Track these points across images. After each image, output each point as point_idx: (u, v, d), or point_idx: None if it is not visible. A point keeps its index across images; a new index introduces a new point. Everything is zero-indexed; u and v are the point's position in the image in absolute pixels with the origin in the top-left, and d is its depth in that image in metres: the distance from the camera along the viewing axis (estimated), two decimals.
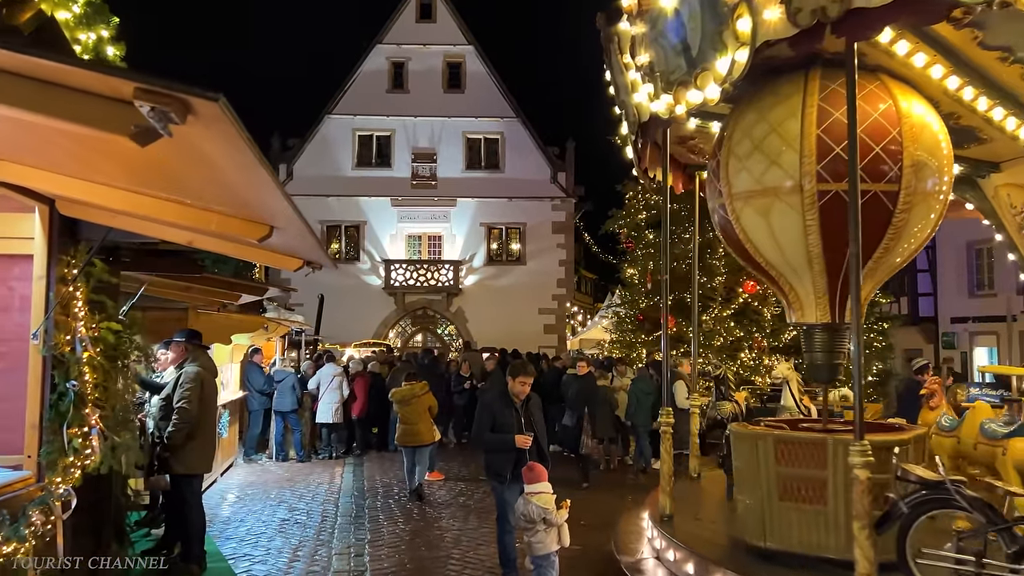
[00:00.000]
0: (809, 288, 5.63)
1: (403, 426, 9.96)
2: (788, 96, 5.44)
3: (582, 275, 41.81)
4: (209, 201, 2.83)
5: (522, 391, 6.05)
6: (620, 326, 18.77)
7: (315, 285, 23.83)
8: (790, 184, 5.33)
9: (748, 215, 5.65)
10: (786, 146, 5.34)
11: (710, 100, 5.00)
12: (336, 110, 28.67)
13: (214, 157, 2.18)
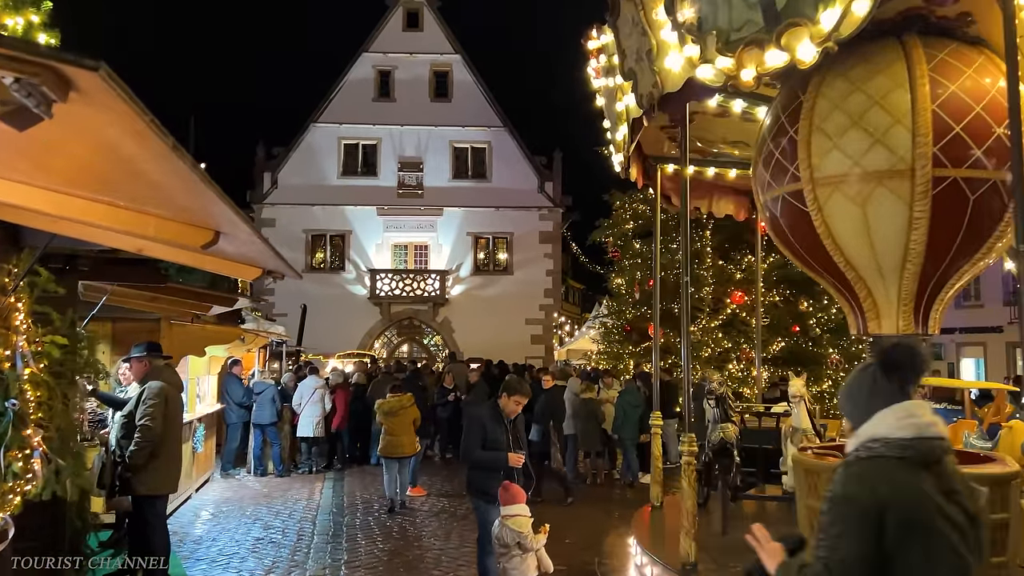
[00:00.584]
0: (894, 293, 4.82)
1: (389, 437, 9.83)
2: (888, 64, 4.61)
3: (570, 285, 41.65)
4: (142, 203, 2.59)
5: (515, 410, 5.84)
6: (607, 337, 18.58)
7: (299, 295, 23.56)
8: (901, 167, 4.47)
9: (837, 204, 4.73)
10: (895, 122, 4.51)
11: (801, 62, 4.18)
12: (322, 118, 28.41)
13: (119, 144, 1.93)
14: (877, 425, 2.25)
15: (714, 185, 9.30)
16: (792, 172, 4.90)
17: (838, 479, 2.21)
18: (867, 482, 2.15)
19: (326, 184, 28.06)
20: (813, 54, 4.10)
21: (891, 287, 4.83)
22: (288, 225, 27.57)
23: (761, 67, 4.32)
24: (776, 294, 16.22)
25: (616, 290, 17.97)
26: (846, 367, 15.65)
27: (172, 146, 1.85)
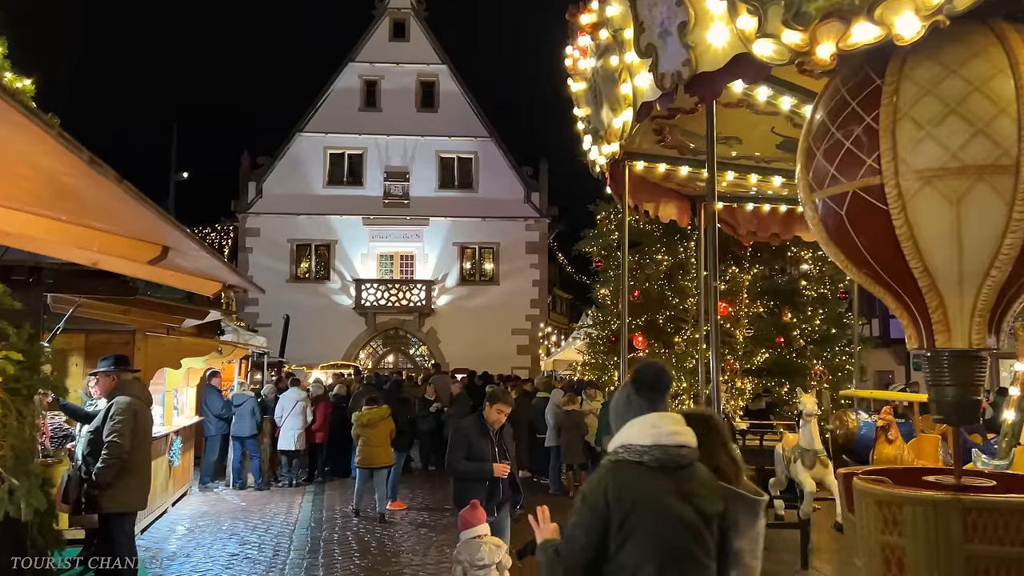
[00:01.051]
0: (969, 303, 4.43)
1: (367, 448, 10.02)
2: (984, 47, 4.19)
3: (557, 295, 41.60)
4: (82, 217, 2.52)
5: (499, 420, 5.79)
6: (592, 347, 18.50)
7: (283, 305, 23.43)
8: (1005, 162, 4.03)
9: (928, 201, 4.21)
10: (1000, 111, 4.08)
11: (900, 38, 3.70)
12: (307, 128, 28.34)
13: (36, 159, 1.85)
14: (625, 433, 2.61)
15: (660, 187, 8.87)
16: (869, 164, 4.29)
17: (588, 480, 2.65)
18: (602, 483, 2.52)
19: (311, 193, 27.95)
20: (917, 29, 3.59)
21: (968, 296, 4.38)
22: (273, 235, 27.44)
23: (844, 43, 3.81)
24: (760, 305, 16.20)
25: (601, 301, 17.91)
26: (830, 379, 15.66)
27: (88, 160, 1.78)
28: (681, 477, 2.51)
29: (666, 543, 2.44)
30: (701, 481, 2.58)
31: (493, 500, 5.59)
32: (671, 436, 2.55)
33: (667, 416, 2.63)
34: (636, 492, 2.47)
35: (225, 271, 3.33)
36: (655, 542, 2.43)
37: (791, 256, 17.24)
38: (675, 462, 2.52)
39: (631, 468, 2.52)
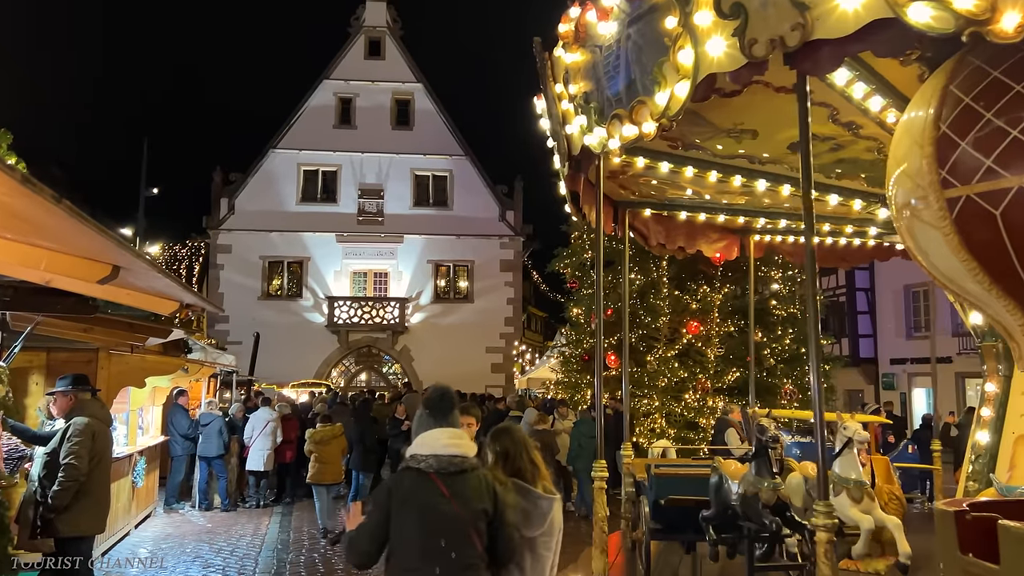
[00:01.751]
0: None
1: (319, 465, 10.26)
2: None
3: (531, 313, 41.64)
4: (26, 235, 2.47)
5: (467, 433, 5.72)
6: (566, 366, 18.52)
7: (254, 323, 23.22)
8: None
9: None
10: None
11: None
12: (281, 144, 28.20)
13: None
14: (414, 445, 3.24)
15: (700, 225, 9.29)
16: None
17: None
18: (387, 485, 3.29)
19: (284, 210, 27.78)
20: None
21: None
22: (244, 251, 27.20)
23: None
24: (731, 324, 16.33)
25: (575, 320, 17.96)
26: (800, 398, 15.78)
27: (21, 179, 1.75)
28: (453, 480, 3.13)
29: (428, 531, 3.07)
30: (471, 484, 3.17)
31: None
32: (446, 448, 3.19)
33: (447, 431, 3.27)
34: (409, 492, 3.14)
35: (180, 290, 3.29)
36: (420, 530, 3.07)
37: (761, 276, 17.42)
38: (447, 468, 3.15)
39: (411, 473, 3.18)
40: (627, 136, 4.76)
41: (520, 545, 3.30)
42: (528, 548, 3.37)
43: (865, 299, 29.10)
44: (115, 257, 2.53)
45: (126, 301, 3.90)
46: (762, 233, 9.56)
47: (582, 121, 5.26)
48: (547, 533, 3.44)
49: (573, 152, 5.63)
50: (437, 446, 3.18)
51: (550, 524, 3.46)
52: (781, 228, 9.24)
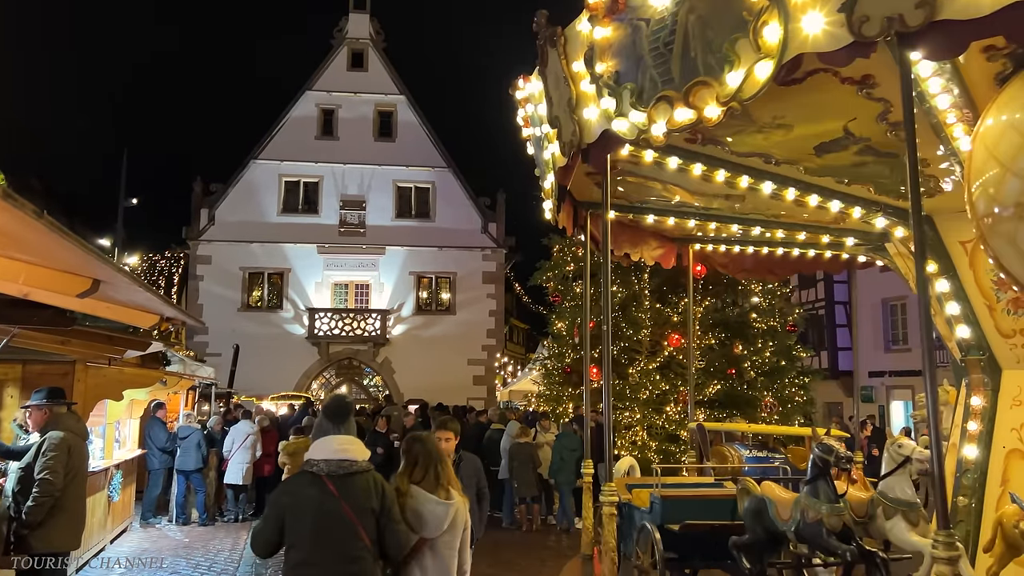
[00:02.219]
0: None
1: None
2: None
3: (513, 325, 41.64)
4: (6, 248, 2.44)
5: (445, 448, 5.37)
6: (548, 379, 18.50)
7: (234, 335, 22.98)
8: None
9: None
10: None
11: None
12: (263, 155, 28.08)
13: None
14: (311, 450, 3.60)
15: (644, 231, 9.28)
16: None
17: None
18: (283, 486, 3.76)
19: (265, 221, 27.63)
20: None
21: None
22: (225, 262, 27.01)
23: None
24: (712, 337, 16.41)
25: (557, 332, 17.96)
26: (780, 411, 15.87)
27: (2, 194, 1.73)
28: (343, 481, 3.50)
29: (318, 527, 3.44)
30: (360, 485, 3.54)
31: None
32: (336, 453, 3.56)
33: (340, 438, 3.63)
34: (303, 492, 3.53)
35: (161, 304, 3.26)
36: (311, 526, 3.45)
37: (741, 289, 17.53)
38: (337, 471, 3.51)
39: (306, 475, 3.58)
40: (679, 121, 4.31)
41: (420, 545, 3.73)
42: (429, 548, 3.77)
43: (844, 312, 29.40)
44: (96, 271, 2.50)
45: (105, 314, 3.85)
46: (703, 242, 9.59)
47: (609, 104, 4.68)
48: (448, 535, 3.83)
49: (586, 139, 5.09)
50: (329, 451, 3.58)
51: (450, 528, 3.83)
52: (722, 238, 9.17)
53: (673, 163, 6.10)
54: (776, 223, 7.43)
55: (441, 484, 3.87)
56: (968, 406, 5.63)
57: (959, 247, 5.63)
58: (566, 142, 5.30)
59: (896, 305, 26.56)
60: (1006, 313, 5.41)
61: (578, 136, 5.09)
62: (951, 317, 5.68)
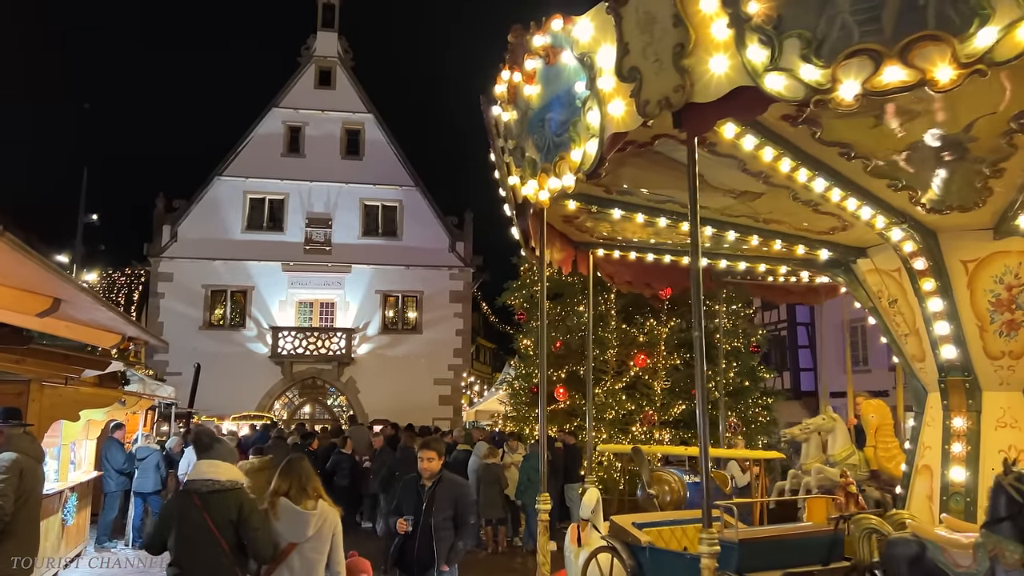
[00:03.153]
0: None
1: None
2: None
3: (480, 344, 41.54)
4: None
5: (427, 468, 5.37)
6: (514, 398, 18.46)
7: (195, 353, 22.57)
8: None
9: None
10: None
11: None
12: (227, 172, 27.80)
13: None
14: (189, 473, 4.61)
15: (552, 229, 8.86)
16: None
17: None
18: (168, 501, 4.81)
19: (229, 238, 27.29)
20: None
21: None
22: (187, 280, 26.58)
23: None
24: (677, 357, 16.53)
25: (524, 352, 17.95)
26: (744, 431, 15.99)
27: None
28: (208, 498, 4.32)
29: (187, 535, 4.29)
30: (221, 500, 4.35)
31: (405, 559, 5.28)
32: (203, 474, 4.43)
33: (206, 462, 4.52)
34: (178, 506, 4.45)
35: (123, 323, 3.18)
36: (179, 532, 4.31)
37: (706, 310, 17.69)
38: (201, 489, 4.36)
39: (182, 493, 4.54)
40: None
41: (288, 549, 4.41)
42: (297, 552, 4.42)
43: (805, 333, 29.86)
44: (57, 290, 2.43)
45: (65, 334, 3.75)
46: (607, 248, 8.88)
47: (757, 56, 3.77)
48: (314, 540, 4.48)
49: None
50: (196, 473, 4.48)
51: (316, 534, 4.48)
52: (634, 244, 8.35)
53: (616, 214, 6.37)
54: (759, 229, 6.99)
55: (308, 496, 4.55)
56: (948, 428, 5.64)
57: (960, 266, 5.67)
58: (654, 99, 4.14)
59: (857, 327, 27.02)
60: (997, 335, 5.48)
61: (687, 90, 3.99)
62: (938, 337, 5.70)
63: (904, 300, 5.99)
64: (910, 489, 6.05)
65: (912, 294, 5.83)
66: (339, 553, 4.61)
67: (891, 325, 6.29)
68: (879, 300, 6.29)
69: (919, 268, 5.78)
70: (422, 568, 5.26)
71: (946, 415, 5.72)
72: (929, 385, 5.84)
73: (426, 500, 5.30)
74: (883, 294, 6.28)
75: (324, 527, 4.50)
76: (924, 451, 5.85)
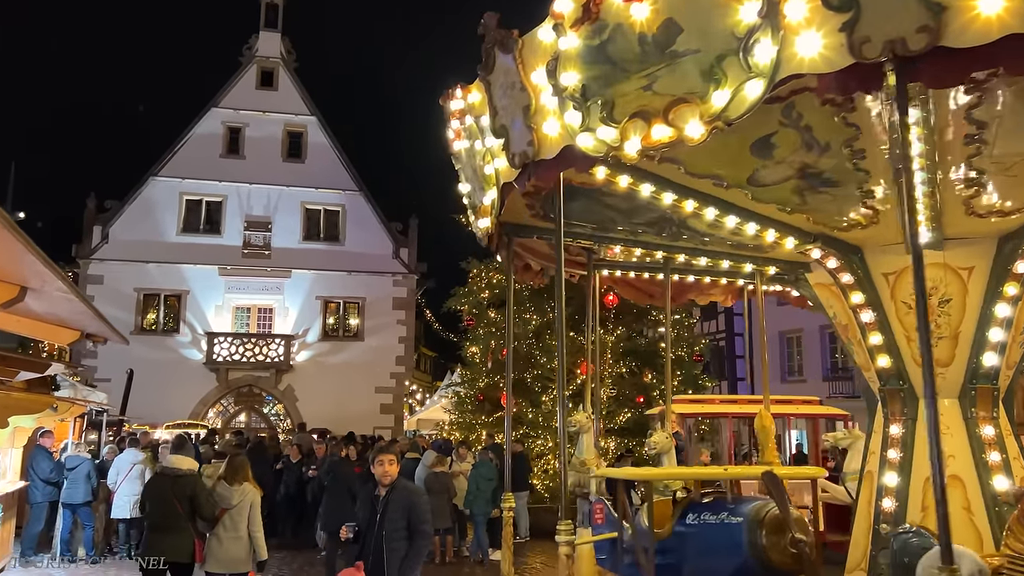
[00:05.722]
0: None
1: None
2: None
3: (422, 352, 41.19)
4: None
5: (385, 474, 5.16)
6: (460, 406, 18.32)
7: (126, 359, 21.66)
8: None
9: None
10: None
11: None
12: (162, 172, 26.90)
13: None
14: None
15: None
16: None
17: None
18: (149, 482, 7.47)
19: (163, 241, 26.40)
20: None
21: None
22: (117, 283, 25.59)
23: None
24: (622, 366, 16.67)
25: (470, 358, 17.84)
26: None
27: None
28: (175, 480, 6.64)
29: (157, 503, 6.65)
30: (182, 481, 6.65)
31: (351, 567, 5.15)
32: (173, 465, 6.85)
33: (176, 457, 6.94)
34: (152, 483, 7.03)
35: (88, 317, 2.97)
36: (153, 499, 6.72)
37: (651, 319, 17.92)
38: (169, 473, 6.76)
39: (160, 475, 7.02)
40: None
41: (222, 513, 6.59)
42: (227, 515, 6.59)
43: (742, 344, 30.57)
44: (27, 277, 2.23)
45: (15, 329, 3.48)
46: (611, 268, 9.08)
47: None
48: (238, 508, 6.64)
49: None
50: (169, 463, 6.95)
51: (239, 505, 6.64)
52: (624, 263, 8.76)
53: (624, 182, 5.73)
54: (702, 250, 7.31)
55: (237, 480, 6.74)
56: (887, 435, 5.76)
57: (883, 279, 5.79)
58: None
59: (792, 338, 27.80)
60: None
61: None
62: (873, 347, 5.84)
63: (843, 312, 6.14)
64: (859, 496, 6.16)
65: (847, 306, 6.01)
66: (257, 518, 6.72)
67: (842, 335, 6.44)
68: (829, 311, 6.44)
69: (846, 282, 5.95)
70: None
71: (885, 423, 5.85)
72: (878, 393, 5.97)
73: (379, 510, 5.12)
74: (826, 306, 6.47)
75: (244, 500, 6.68)
76: (870, 457, 5.97)
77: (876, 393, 5.96)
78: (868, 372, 6.03)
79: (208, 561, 6.50)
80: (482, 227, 6.33)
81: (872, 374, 5.94)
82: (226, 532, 6.50)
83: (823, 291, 6.41)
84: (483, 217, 6.12)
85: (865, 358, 5.96)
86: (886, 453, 5.69)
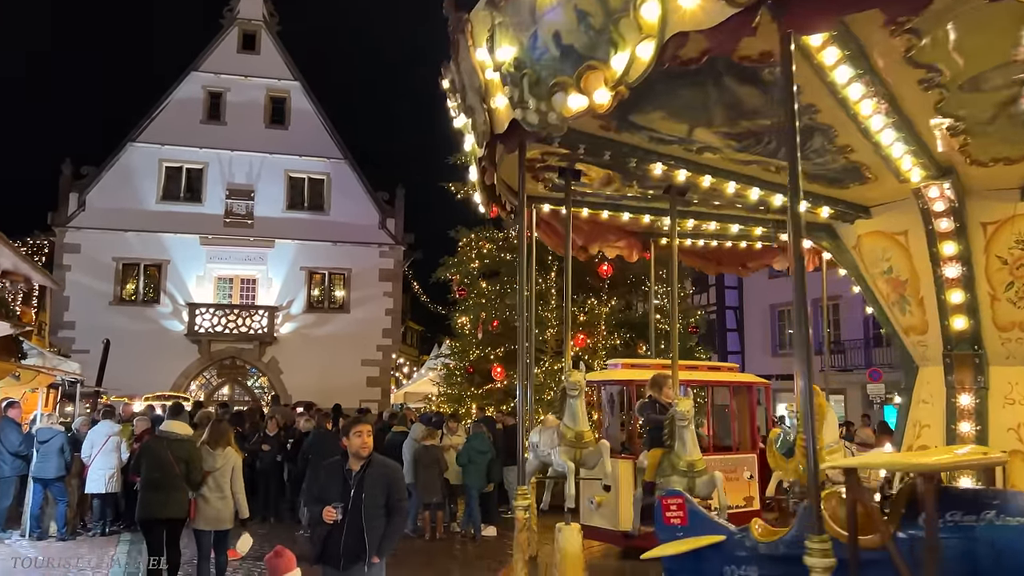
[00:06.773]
0: None
1: None
2: None
3: (409, 326, 40.66)
4: None
5: (363, 443, 4.83)
6: (449, 379, 17.89)
7: (105, 329, 21.07)
8: None
9: None
10: None
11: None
12: (141, 138, 26.04)
13: None
14: None
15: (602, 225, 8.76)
16: None
17: None
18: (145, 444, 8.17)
19: (143, 209, 25.63)
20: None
21: None
22: (95, 252, 24.85)
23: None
24: (617, 338, 16.27)
25: (460, 330, 17.37)
26: None
27: None
28: (171, 443, 7.05)
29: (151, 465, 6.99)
30: (178, 444, 7.05)
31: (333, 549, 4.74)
32: (168, 426, 7.38)
33: (171, 422, 7.48)
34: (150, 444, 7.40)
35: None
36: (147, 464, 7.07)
37: (644, 290, 17.51)
38: (168, 437, 7.15)
39: (158, 438, 7.37)
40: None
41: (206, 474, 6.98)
42: (211, 476, 6.99)
43: (734, 317, 30.27)
44: None
45: None
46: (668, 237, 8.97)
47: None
48: (221, 470, 7.06)
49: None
50: (168, 427, 7.30)
51: (222, 467, 7.06)
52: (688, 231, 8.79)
53: None
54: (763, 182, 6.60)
55: (220, 445, 7.17)
56: (953, 406, 5.25)
57: (980, 229, 5.29)
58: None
59: (783, 311, 27.49)
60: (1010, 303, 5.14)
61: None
62: (952, 306, 5.31)
63: (907, 266, 5.59)
64: None
65: (919, 259, 5.44)
66: (239, 480, 7.19)
67: (879, 295, 5.93)
68: (871, 266, 5.89)
69: (942, 230, 5.36)
70: (350, 560, 4.74)
71: (950, 392, 5.31)
72: (925, 359, 5.46)
73: (354, 486, 4.80)
74: (877, 260, 5.87)
75: (227, 463, 7.12)
76: (920, 431, 5.45)
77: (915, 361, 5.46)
78: (918, 336, 5.51)
79: (197, 519, 6.98)
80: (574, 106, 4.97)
81: (925, 338, 5.42)
82: (211, 493, 6.96)
83: (879, 241, 5.80)
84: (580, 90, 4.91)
85: (922, 320, 5.44)
86: (955, 427, 5.14)
